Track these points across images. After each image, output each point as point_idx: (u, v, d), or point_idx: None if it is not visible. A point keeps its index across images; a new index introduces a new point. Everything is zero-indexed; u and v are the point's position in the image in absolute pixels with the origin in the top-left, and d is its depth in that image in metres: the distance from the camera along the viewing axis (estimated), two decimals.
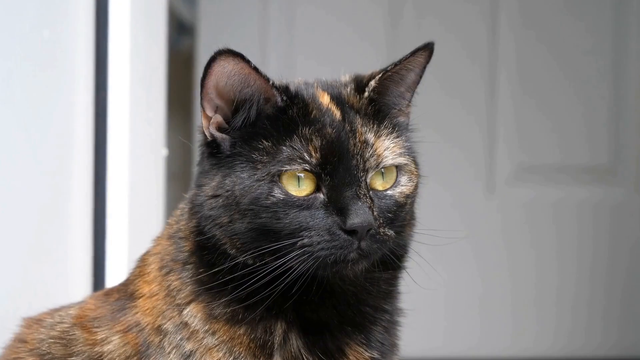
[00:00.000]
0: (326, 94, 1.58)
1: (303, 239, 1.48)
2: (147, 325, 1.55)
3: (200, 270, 1.55)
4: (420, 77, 1.62)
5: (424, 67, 1.61)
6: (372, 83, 1.58)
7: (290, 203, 1.49)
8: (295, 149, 1.50)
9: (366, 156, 1.52)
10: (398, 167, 1.56)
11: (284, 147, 1.51)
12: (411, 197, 1.57)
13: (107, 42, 2.32)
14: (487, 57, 3.76)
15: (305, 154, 1.50)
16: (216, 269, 1.53)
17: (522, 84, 3.77)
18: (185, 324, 1.53)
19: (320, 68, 1.63)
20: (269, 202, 1.49)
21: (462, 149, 3.77)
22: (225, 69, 1.51)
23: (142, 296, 1.58)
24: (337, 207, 1.48)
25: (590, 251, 3.83)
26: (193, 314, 1.53)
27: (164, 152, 2.50)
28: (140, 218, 2.37)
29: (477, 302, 3.82)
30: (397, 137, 1.57)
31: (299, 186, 1.50)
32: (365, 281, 1.56)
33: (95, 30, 2.32)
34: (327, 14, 3.78)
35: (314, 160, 1.49)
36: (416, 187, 1.59)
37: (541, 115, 3.79)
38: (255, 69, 1.51)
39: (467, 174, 3.79)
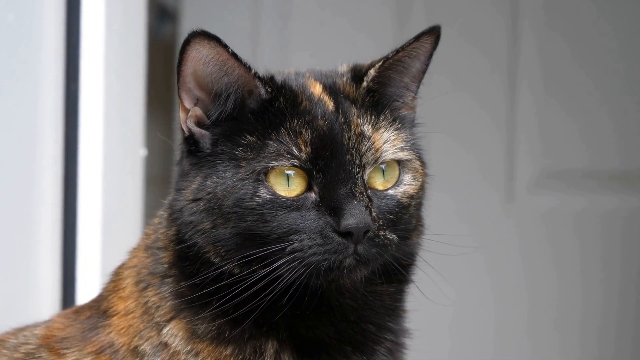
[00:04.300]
0: (318, 83, 1.58)
1: (293, 244, 1.47)
2: (122, 346, 1.54)
3: (182, 283, 1.54)
4: (427, 65, 1.61)
5: (431, 55, 1.60)
6: (372, 72, 1.58)
7: (278, 204, 1.48)
8: (282, 142, 1.50)
9: (362, 150, 1.51)
10: (400, 164, 1.55)
11: (270, 142, 1.50)
12: (416, 198, 1.56)
13: (79, 28, 2.32)
14: (506, 56, 3.76)
15: (293, 148, 1.49)
16: (199, 281, 1.52)
17: (545, 84, 3.77)
18: (165, 345, 1.53)
19: (319, 65, 1.63)
20: (254, 203, 1.48)
21: (479, 153, 3.77)
22: (201, 53, 1.50)
23: (116, 314, 1.57)
24: (330, 207, 1.48)
25: (619, 266, 3.83)
26: (174, 333, 1.53)
27: (142, 152, 2.50)
28: (115, 226, 2.36)
29: (491, 322, 3.81)
30: (399, 130, 1.57)
31: (288, 185, 1.49)
32: (366, 295, 1.56)
33: (66, 15, 2.32)
34: (327, 8, 3.77)
35: (303, 155, 1.49)
36: (422, 187, 1.58)
37: (566, 116, 3.79)
38: (234, 55, 1.50)
39: (484, 180, 3.78)
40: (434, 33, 1.59)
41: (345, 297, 1.55)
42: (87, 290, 2.28)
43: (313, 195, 1.49)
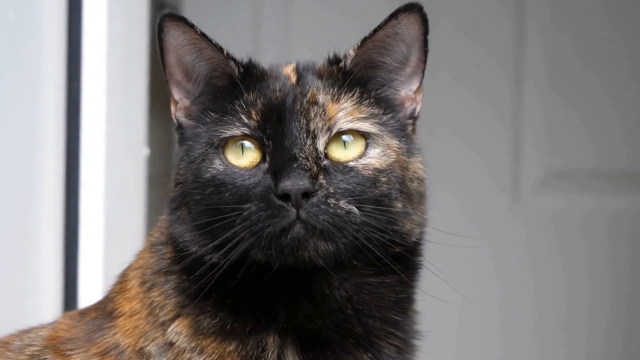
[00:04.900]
0: (294, 64, 1.61)
1: (243, 213, 1.48)
2: (128, 347, 1.55)
3: (183, 277, 1.56)
4: (424, 54, 1.61)
5: (423, 40, 1.59)
6: (351, 52, 1.60)
7: (231, 174, 1.51)
8: (236, 112, 1.53)
9: (311, 116, 1.52)
10: (369, 138, 1.55)
11: (227, 115, 1.54)
12: (386, 174, 1.54)
13: (81, 25, 2.32)
14: (511, 54, 3.76)
15: (243, 116, 1.52)
16: (196, 273, 1.53)
17: (551, 82, 3.76)
18: (170, 344, 1.54)
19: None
20: (209, 175, 1.52)
21: (484, 152, 3.76)
22: (175, 38, 1.55)
23: (122, 315, 1.58)
24: (274, 171, 1.49)
25: (627, 268, 3.82)
26: (178, 330, 1.54)
27: (145, 151, 2.50)
28: (118, 226, 2.36)
29: (497, 324, 3.80)
30: (369, 105, 1.57)
31: (243, 156, 1.52)
32: (357, 286, 1.55)
33: (67, 13, 2.31)
34: (330, 4, 3.77)
35: (252, 123, 1.51)
36: (400, 166, 1.56)
37: (573, 115, 3.78)
38: (203, 35, 1.55)
39: (489, 179, 3.78)
40: (412, 11, 1.58)
41: (332, 287, 1.55)
42: (89, 291, 2.28)
43: (265, 165, 1.51)
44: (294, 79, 1.57)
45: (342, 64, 1.59)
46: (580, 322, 3.82)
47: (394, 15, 1.58)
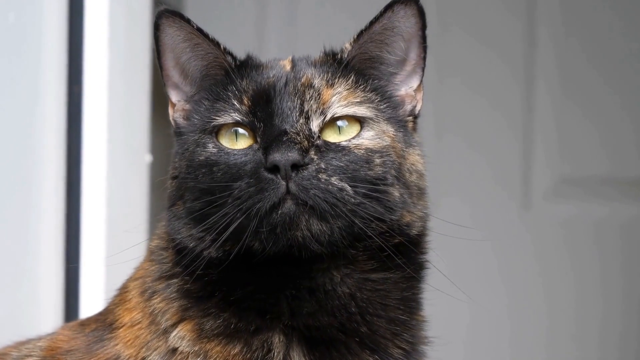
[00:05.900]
0: (290, 57, 1.62)
1: (234, 191, 1.48)
2: (129, 358, 1.54)
3: (186, 278, 1.55)
4: (422, 48, 1.61)
5: (420, 34, 1.60)
6: (347, 45, 1.60)
7: (225, 155, 1.51)
8: (228, 97, 1.55)
9: (306, 97, 1.53)
10: (363, 122, 1.55)
11: (220, 101, 1.56)
12: (380, 155, 1.53)
13: (82, 28, 2.31)
14: (522, 60, 3.75)
15: (235, 102, 1.54)
16: (199, 272, 1.53)
17: (563, 88, 3.76)
18: (174, 351, 1.52)
19: None
20: (202, 157, 1.53)
21: (494, 158, 3.76)
22: (172, 37, 1.57)
23: (122, 326, 1.57)
24: (264, 147, 1.49)
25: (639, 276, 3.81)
26: (181, 335, 1.53)
27: (147, 158, 2.48)
28: (120, 234, 2.34)
29: (507, 334, 3.80)
30: (364, 91, 1.57)
31: (237, 142, 1.53)
32: (360, 282, 1.54)
33: (68, 15, 2.30)
34: (334, 4, 3.77)
35: (244, 108, 1.53)
36: (396, 152, 1.56)
37: (585, 122, 3.78)
38: (200, 31, 1.56)
39: (500, 187, 3.78)
40: (409, 3, 1.57)
41: (334, 283, 1.54)
42: (90, 299, 2.28)
43: (256, 145, 1.52)
44: (288, 67, 1.59)
45: (338, 56, 1.60)
46: (591, 332, 3.81)
47: (389, 7, 1.58)
